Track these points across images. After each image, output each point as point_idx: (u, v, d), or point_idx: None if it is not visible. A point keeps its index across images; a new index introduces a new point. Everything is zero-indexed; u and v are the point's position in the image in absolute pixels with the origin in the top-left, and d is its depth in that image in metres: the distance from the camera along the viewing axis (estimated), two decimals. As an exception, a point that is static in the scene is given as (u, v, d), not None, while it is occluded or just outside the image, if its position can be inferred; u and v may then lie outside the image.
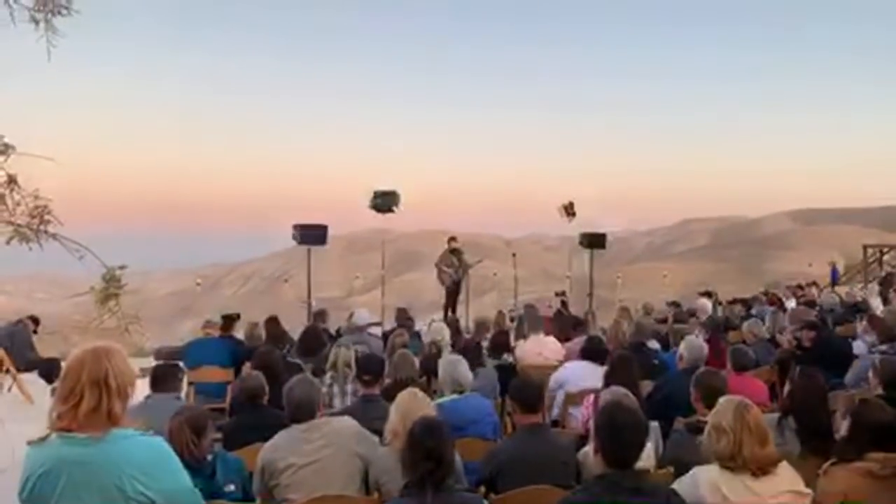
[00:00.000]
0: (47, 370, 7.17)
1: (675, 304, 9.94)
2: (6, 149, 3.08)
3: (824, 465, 2.69)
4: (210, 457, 3.04)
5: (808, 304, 9.39)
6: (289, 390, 3.23)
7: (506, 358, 5.91)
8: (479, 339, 6.48)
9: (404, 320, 7.79)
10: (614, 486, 2.31)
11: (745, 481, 2.49)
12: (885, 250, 20.05)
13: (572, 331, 7.11)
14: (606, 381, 4.08)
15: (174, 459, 2.06)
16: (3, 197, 3.10)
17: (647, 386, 4.61)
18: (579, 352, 5.34)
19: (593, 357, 5.03)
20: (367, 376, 4.10)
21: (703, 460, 2.64)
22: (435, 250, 12.29)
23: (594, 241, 12.35)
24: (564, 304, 10.96)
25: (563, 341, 6.66)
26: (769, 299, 10.55)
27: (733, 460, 2.51)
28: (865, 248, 20.27)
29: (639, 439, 2.43)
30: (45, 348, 8.14)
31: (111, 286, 3.08)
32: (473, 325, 7.30)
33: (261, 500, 3.14)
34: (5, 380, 6.96)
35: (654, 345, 6.30)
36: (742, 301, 10.65)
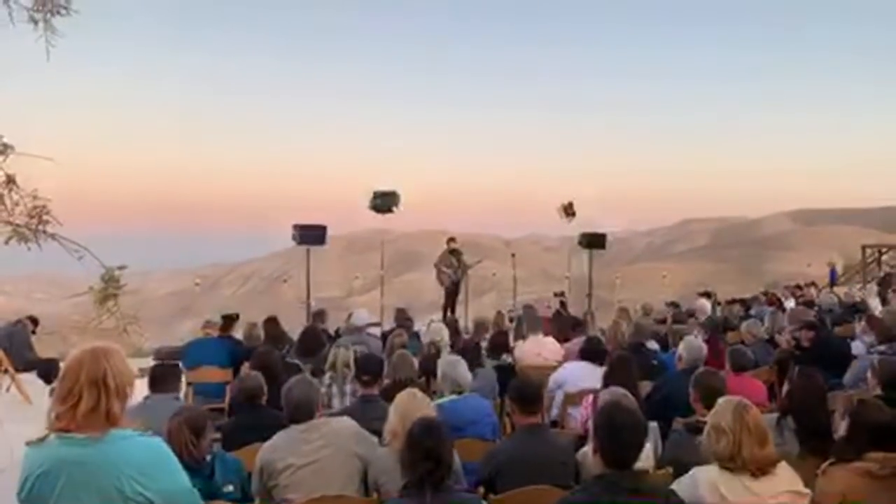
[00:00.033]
0: (46, 370, 7.17)
1: (674, 305, 9.94)
2: (5, 149, 3.08)
3: (823, 466, 2.69)
4: (209, 457, 3.03)
5: (806, 304, 9.40)
6: (287, 391, 3.23)
7: (505, 358, 5.90)
8: (478, 340, 6.48)
9: (403, 321, 7.78)
10: (613, 486, 2.31)
11: (744, 482, 2.49)
12: (883, 251, 20.06)
13: (571, 331, 7.11)
14: (605, 382, 4.09)
15: (173, 460, 2.06)
16: (1, 197, 3.10)
17: (646, 386, 4.62)
18: (578, 352, 5.34)
19: (592, 357, 5.03)
20: (366, 377, 4.10)
21: (702, 461, 2.64)
22: (434, 251, 12.29)
23: (594, 241, 12.35)
24: (563, 305, 10.96)
25: (561, 342, 6.66)
26: (768, 300, 10.56)
27: (732, 461, 2.51)
28: (864, 248, 20.28)
29: (638, 440, 2.43)
30: (43, 349, 8.14)
31: (110, 286, 3.08)
32: (472, 326, 7.30)
33: (259, 500, 3.14)
34: (4, 380, 6.95)
35: (652, 345, 6.30)
36: (741, 301, 10.65)
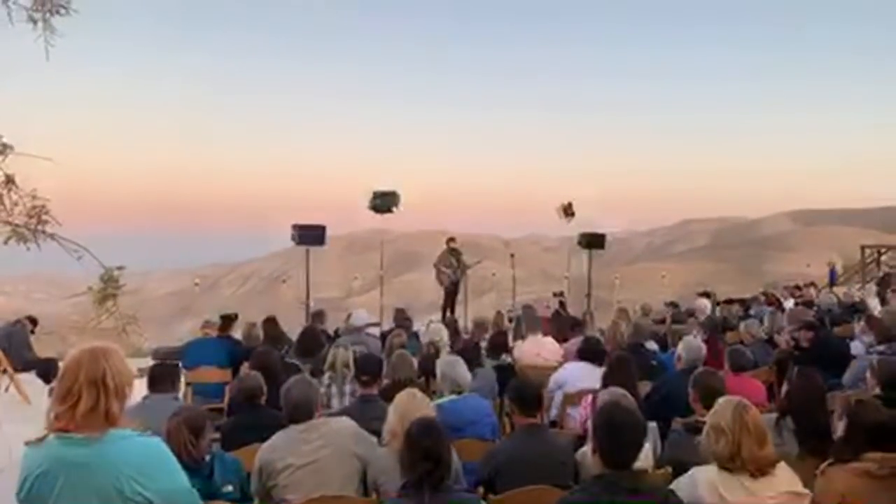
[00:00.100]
0: (45, 370, 7.16)
1: (673, 305, 9.94)
2: (4, 149, 3.09)
3: (821, 466, 2.69)
4: (208, 457, 3.03)
5: (806, 304, 9.40)
6: (287, 391, 3.23)
7: (504, 358, 5.91)
8: (478, 340, 6.48)
9: (402, 321, 7.79)
10: (612, 486, 2.31)
11: (743, 482, 2.49)
12: (882, 251, 20.06)
13: (570, 331, 7.12)
14: (605, 382, 4.09)
15: (172, 460, 2.06)
16: (0, 197, 3.10)
17: (646, 386, 4.62)
18: (576, 352, 5.34)
19: (590, 357, 5.03)
20: (366, 377, 4.10)
21: (701, 461, 2.64)
22: (434, 251, 12.29)
23: (593, 241, 12.35)
24: (563, 305, 10.97)
25: (561, 342, 6.67)
26: (768, 300, 10.55)
27: (732, 461, 2.51)
28: (863, 248, 20.28)
29: (637, 439, 2.43)
30: (42, 348, 8.13)
31: (109, 287, 3.08)
32: (472, 326, 7.30)
33: (259, 500, 3.14)
34: (3, 380, 6.95)
35: (652, 345, 6.30)
36: (740, 301, 10.64)
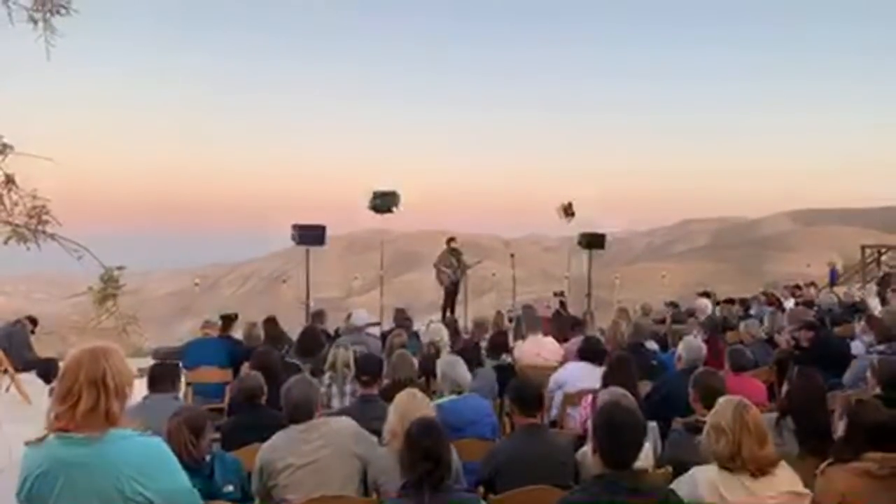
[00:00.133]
0: (45, 370, 7.17)
1: (673, 305, 9.93)
2: (4, 149, 3.09)
3: (822, 466, 2.69)
4: (208, 457, 3.03)
5: (806, 304, 9.39)
6: (287, 391, 3.23)
7: (504, 358, 5.90)
8: (478, 340, 6.48)
9: (403, 321, 7.78)
10: (612, 485, 2.31)
11: (743, 482, 2.49)
12: (883, 251, 20.04)
13: (570, 331, 7.11)
14: (605, 382, 4.09)
15: (172, 460, 2.06)
16: (1, 197, 3.10)
17: (646, 386, 4.61)
18: (576, 352, 5.34)
19: (590, 357, 5.03)
20: (366, 377, 4.10)
21: (701, 460, 2.64)
22: (434, 251, 12.29)
23: (593, 241, 12.35)
24: (563, 305, 10.96)
25: (561, 342, 6.66)
26: (768, 300, 10.54)
27: (732, 461, 2.51)
28: (864, 248, 20.27)
29: (637, 439, 2.43)
30: (42, 348, 8.14)
31: (109, 287, 3.08)
32: (472, 326, 7.30)
33: (259, 500, 3.14)
34: (3, 380, 6.95)
35: (652, 345, 6.30)
36: (740, 301, 10.62)
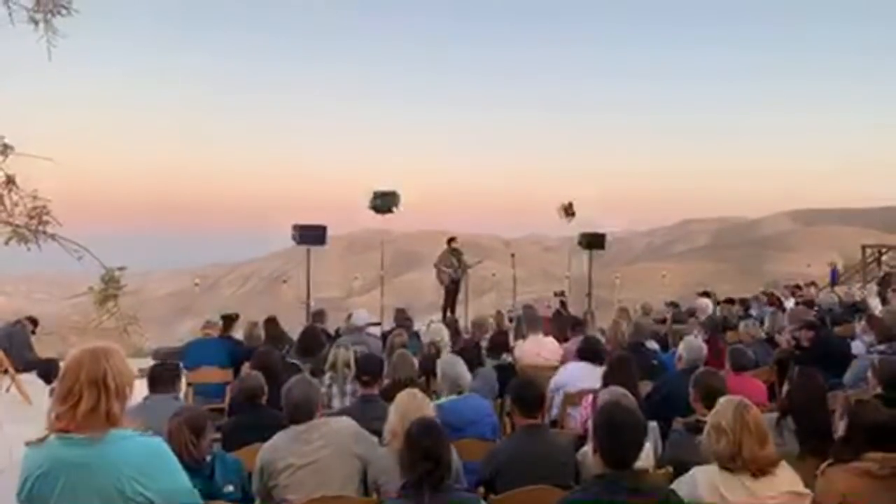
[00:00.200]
0: (46, 371, 7.15)
1: (673, 305, 9.93)
2: (5, 149, 3.09)
3: (822, 466, 2.69)
4: (209, 457, 3.03)
5: (806, 303, 9.39)
6: (287, 391, 3.23)
7: (505, 358, 5.90)
8: (478, 340, 6.48)
9: (403, 320, 7.78)
10: (613, 485, 2.31)
11: (744, 482, 2.49)
12: (883, 250, 20.03)
13: (571, 331, 7.11)
14: (605, 382, 4.08)
15: (173, 460, 2.06)
16: (1, 198, 3.10)
17: (646, 386, 4.61)
18: (576, 352, 5.34)
19: (590, 357, 5.03)
20: (366, 377, 4.10)
21: (702, 460, 2.64)
22: (434, 251, 12.29)
23: (593, 241, 12.35)
24: (563, 305, 10.95)
25: (561, 341, 6.66)
26: (769, 299, 10.53)
27: (733, 461, 2.51)
28: (864, 248, 20.26)
29: (637, 439, 2.43)
30: (43, 349, 8.14)
31: (110, 287, 3.08)
32: (471, 326, 7.29)
33: (260, 500, 3.14)
34: (4, 380, 6.94)
35: (652, 345, 6.30)
36: (740, 301, 10.61)
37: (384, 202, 11.38)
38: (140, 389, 3.55)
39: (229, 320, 6.96)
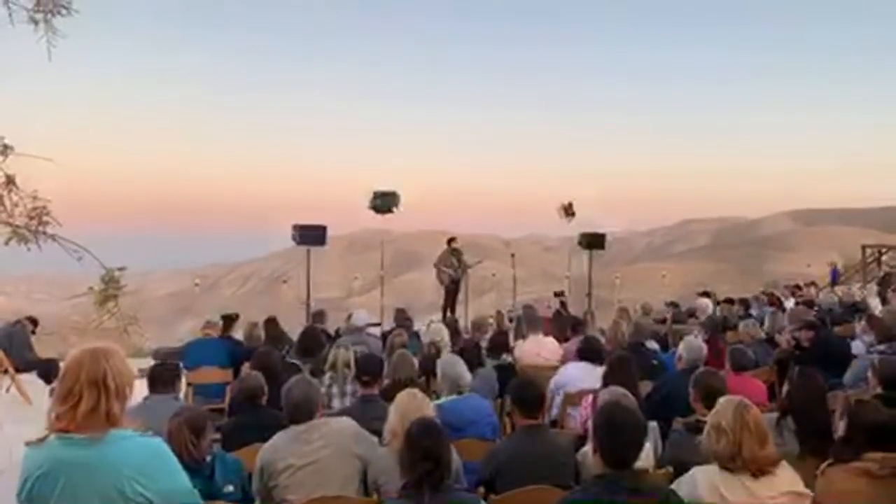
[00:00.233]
0: (46, 371, 7.17)
1: (673, 305, 9.93)
2: (5, 149, 3.08)
3: (822, 466, 2.69)
4: (209, 457, 3.03)
5: (806, 303, 9.39)
6: (287, 391, 3.23)
7: (505, 358, 5.90)
8: (478, 340, 6.48)
9: (403, 320, 7.78)
10: (613, 485, 2.31)
11: (744, 482, 2.49)
12: (883, 250, 20.02)
13: (571, 331, 7.11)
14: (605, 382, 4.08)
15: (173, 460, 2.06)
16: (1, 198, 3.10)
17: (647, 386, 4.61)
18: (576, 352, 5.34)
19: (590, 357, 5.03)
20: (366, 377, 4.10)
21: (702, 460, 2.64)
22: (434, 251, 12.29)
23: (593, 241, 12.36)
24: (563, 305, 10.95)
25: (561, 342, 6.66)
26: (769, 299, 10.52)
27: (733, 461, 2.51)
28: (864, 248, 20.26)
29: (637, 439, 2.43)
30: (43, 349, 8.14)
31: (110, 287, 3.08)
32: (471, 326, 7.29)
33: (260, 500, 3.14)
34: (4, 381, 6.95)
35: (652, 345, 6.29)
36: (740, 300, 10.61)
37: (384, 202, 11.39)
38: (140, 389, 3.55)
39: (229, 320, 6.96)
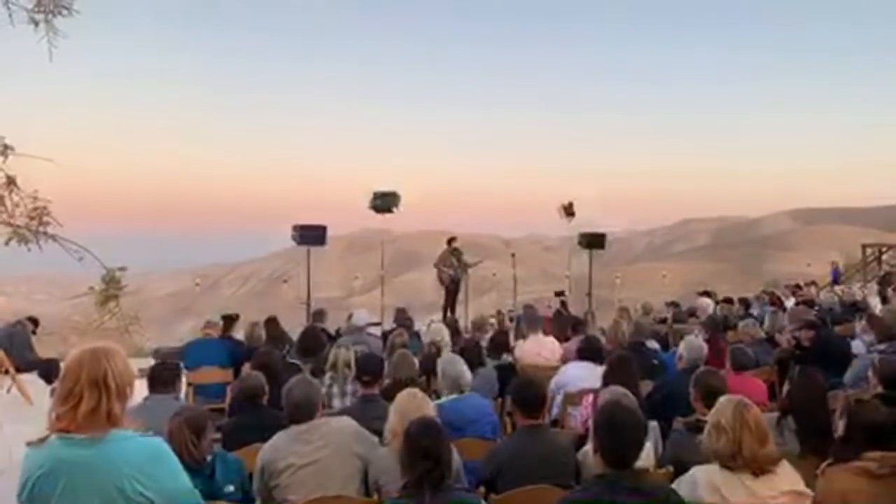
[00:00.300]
0: (46, 371, 7.17)
1: (674, 304, 9.93)
2: (5, 150, 3.08)
3: (822, 466, 2.69)
4: (209, 457, 3.03)
5: (806, 303, 9.38)
6: (288, 391, 3.23)
7: (505, 358, 5.91)
8: (479, 339, 6.48)
9: (403, 320, 7.79)
10: (613, 485, 2.31)
11: (744, 481, 2.49)
12: (883, 249, 20.01)
13: (571, 331, 7.11)
14: (605, 381, 4.08)
15: (173, 460, 2.06)
16: (2, 198, 3.10)
17: (647, 386, 4.61)
18: (576, 352, 5.34)
19: (590, 357, 5.03)
20: (367, 376, 4.10)
21: (702, 460, 2.64)
22: (434, 250, 12.30)
23: (593, 241, 12.36)
24: (564, 304, 10.95)
25: (562, 341, 6.66)
26: (770, 299, 10.52)
27: (733, 459, 2.51)
28: (864, 247, 20.24)
29: (638, 438, 2.43)
30: (44, 349, 8.13)
31: (111, 287, 3.08)
32: (471, 326, 7.29)
33: (260, 500, 3.14)
34: (4, 381, 6.95)
35: (653, 345, 6.30)
36: (740, 300, 10.61)
37: (384, 202, 11.39)
38: (140, 389, 3.55)
39: (230, 320, 6.97)
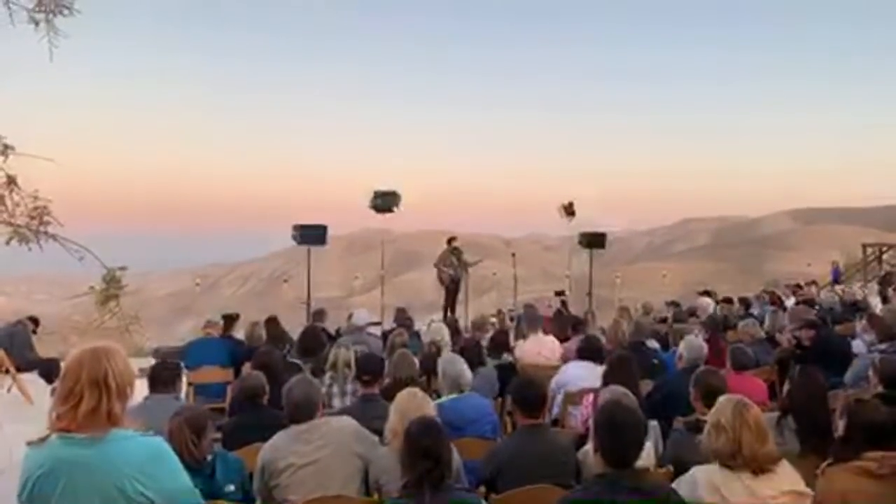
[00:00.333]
0: (47, 370, 7.17)
1: (674, 304, 9.93)
2: (6, 150, 3.08)
3: (822, 466, 2.69)
4: (210, 457, 3.03)
5: (807, 302, 9.38)
6: (288, 390, 3.23)
7: (505, 357, 5.91)
8: (479, 339, 6.48)
9: (403, 320, 7.79)
10: (614, 484, 2.31)
11: (744, 480, 2.49)
12: (883, 249, 20.00)
13: (571, 330, 7.11)
14: (606, 381, 4.08)
15: (174, 459, 2.06)
16: (2, 198, 3.10)
17: (647, 385, 4.61)
18: (576, 351, 5.34)
19: (590, 356, 5.03)
20: (367, 376, 4.10)
21: (702, 459, 2.65)
22: (435, 250, 12.30)
23: (593, 240, 12.37)
24: (564, 304, 10.96)
25: (562, 341, 6.66)
26: (770, 298, 10.51)
27: (733, 458, 2.51)
28: (865, 247, 20.24)
29: (638, 438, 2.43)
30: (44, 349, 8.14)
31: (111, 287, 3.08)
32: (472, 325, 7.29)
33: (261, 500, 3.14)
34: (5, 380, 6.96)
35: (653, 344, 6.30)
36: (740, 300, 10.60)
37: (384, 202, 11.39)
38: (140, 389, 3.55)
39: (230, 320, 6.97)
